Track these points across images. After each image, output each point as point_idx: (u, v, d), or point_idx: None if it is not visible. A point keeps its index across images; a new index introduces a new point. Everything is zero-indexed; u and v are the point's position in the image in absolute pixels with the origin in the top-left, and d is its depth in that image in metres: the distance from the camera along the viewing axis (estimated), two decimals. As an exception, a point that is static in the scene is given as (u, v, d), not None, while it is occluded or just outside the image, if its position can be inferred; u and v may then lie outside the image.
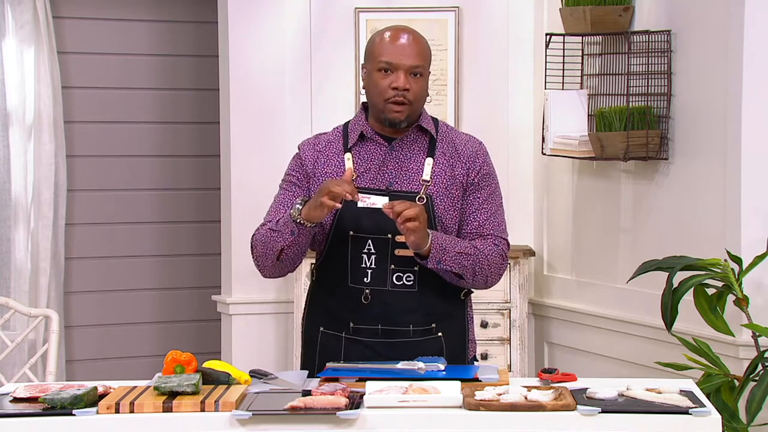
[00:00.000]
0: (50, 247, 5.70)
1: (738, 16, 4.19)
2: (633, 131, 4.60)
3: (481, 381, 3.17)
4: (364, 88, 3.49)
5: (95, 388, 3.02)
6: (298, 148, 3.55)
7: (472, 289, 3.53)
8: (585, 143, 4.82)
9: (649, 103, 4.63)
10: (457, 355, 3.47)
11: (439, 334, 3.46)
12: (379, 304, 3.41)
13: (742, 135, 4.20)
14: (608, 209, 4.97)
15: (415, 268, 3.41)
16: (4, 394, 3.10)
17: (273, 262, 3.42)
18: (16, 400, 3.03)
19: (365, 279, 3.42)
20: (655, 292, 4.26)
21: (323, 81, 5.46)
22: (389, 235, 3.39)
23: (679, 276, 3.98)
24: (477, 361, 3.62)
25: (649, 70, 4.62)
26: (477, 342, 3.66)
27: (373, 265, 3.42)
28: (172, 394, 2.97)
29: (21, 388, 3.11)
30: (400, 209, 3.25)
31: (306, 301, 3.59)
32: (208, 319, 6.01)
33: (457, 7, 5.40)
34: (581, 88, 4.96)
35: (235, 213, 5.43)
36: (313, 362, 3.49)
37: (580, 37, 4.93)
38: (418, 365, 3.21)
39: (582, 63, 4.98)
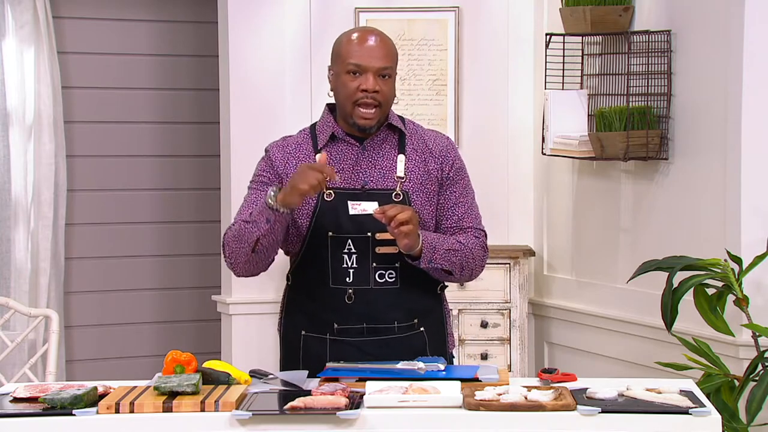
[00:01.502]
0: (50, 247, 5.69)
1: (738, 16, 4.19)
2: (633, 131, 4.60)
3: (481, 381, 3.17)
4: (331, 89, 3.50)
5: (95, 388, 3.02)
6: (266, 151, 3.55)
7: (447, 283, 3.55)
8: (585, 143, 4.82)
9: (649, 103, 4.63)
10: (438, 349, 3.50)
11: (422, 329, 3.48)
12: (363, 303, 3.41)
13: (742, 135, 4.19)
14: (608, 209, 4.97)
15: (396, 265, 3.42)
16: (4, 394, 3.10)
17: (248, 255, 3.37)
18: (16, 400, 3.03)
19: (347, 279, 3.41)
20: (655, 292, 4.26)
21: (323, 81, 5.39)
22: (369, 234, 3.39)
23: (679, 276, 3.97)
24: (454, 357, 3.64)
25: (649, 70, 4.62)
26: (476, 342, 3.68)
27: (354, 265, 3.41)
28: (172, 394, 2.97)
29: (21, 388, 3.10)
30: (393, 213, 3.25)
31: (282, 308, 3.56)
32: (208, 319, 6.00)
33: (457, 7, 5.39)
34: (581, 88, 4.96)
35: (235, 213, 5.41)
36: (296, 367, 3.47)
37: (580, 37, 4.93)
38: (418, 365, 3.21)
39: (582, 63, 4.98)
